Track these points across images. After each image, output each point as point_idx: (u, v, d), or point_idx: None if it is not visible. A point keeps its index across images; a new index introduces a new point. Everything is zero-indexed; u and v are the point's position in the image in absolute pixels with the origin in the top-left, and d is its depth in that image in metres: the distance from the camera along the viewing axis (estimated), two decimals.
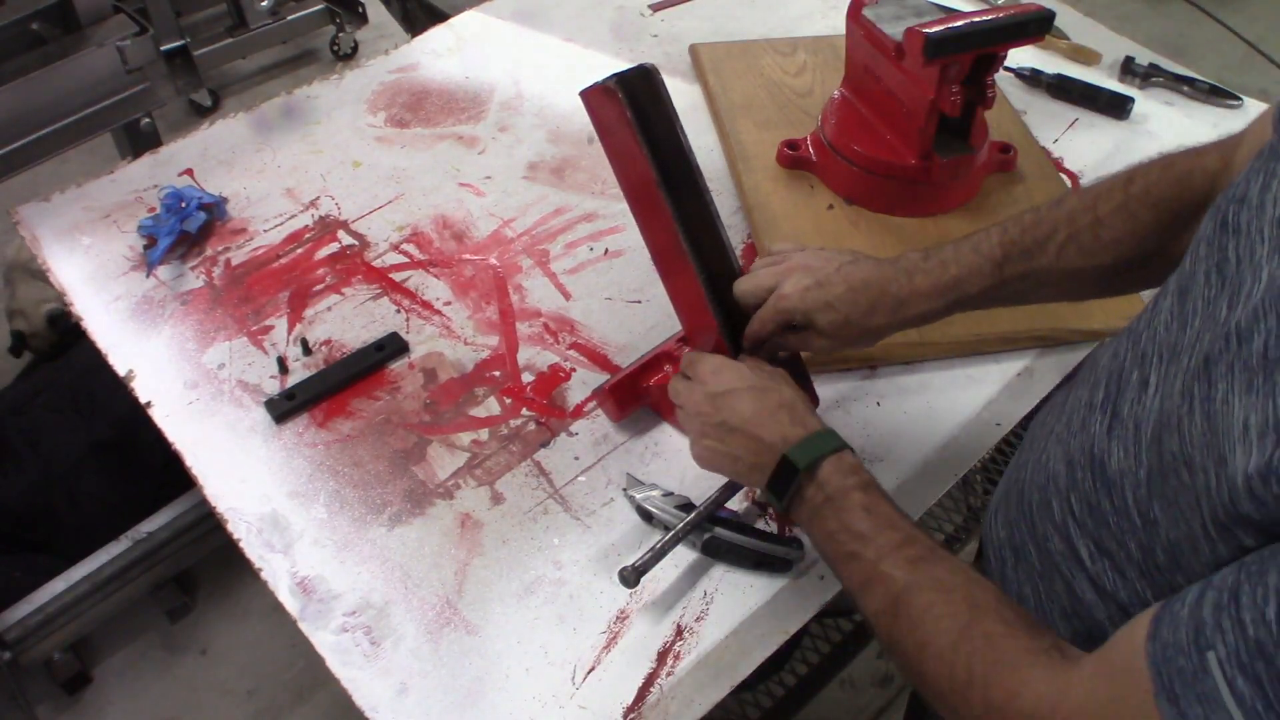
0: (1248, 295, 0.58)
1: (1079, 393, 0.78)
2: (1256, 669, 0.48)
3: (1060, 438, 0.77)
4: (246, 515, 0.98)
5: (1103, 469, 0.69)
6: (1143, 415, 0.66)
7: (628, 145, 0.88)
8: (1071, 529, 0.72)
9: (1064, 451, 0.75)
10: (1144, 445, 0.65)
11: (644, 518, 0.97)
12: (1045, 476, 0.77)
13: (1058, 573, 0.74)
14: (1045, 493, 0.76)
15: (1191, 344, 0.62)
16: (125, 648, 1.92)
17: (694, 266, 0.89)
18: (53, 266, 1.22)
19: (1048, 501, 0.76)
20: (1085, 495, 0.71)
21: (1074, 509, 0.72)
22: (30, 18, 1.53)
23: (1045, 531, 0.76)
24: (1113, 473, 0.68)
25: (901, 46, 1.14)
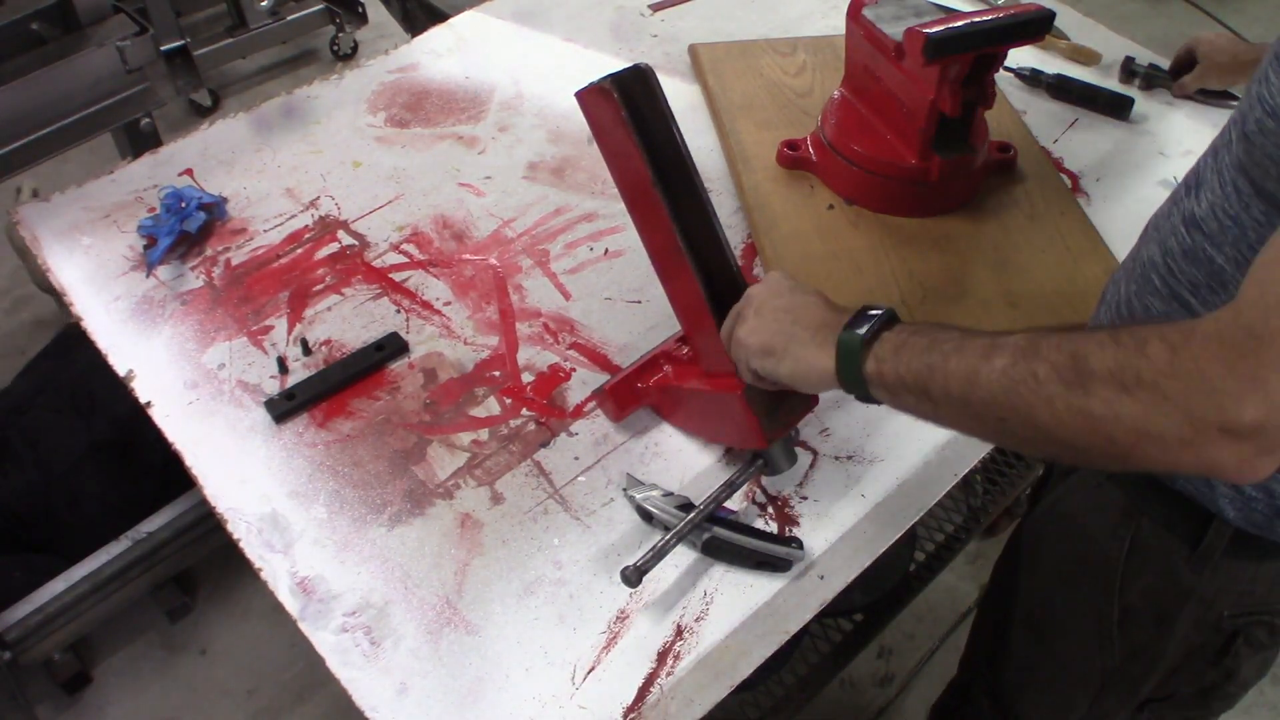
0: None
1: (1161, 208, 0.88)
2: None
3: (1150, 239, 0.86)
4: (246, 515, 0.98)
5: (1193, 219, 0.79)
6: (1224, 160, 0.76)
7: (623, 145, 0.88)
8: (1172, 284, 0.81)
9: (1157, 242, 0.84)
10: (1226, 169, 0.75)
11: (644, 518, 0.97)
12: (1141, 267, 0.86)
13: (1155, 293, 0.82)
14: (1143, 278, 0.85)
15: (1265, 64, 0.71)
16: (125, 648, 1.92)
17: (691, 267, 0.89)
18: (53, 266, 1.22)
19: (1147, 280, 0.84)
20: (1181, 248, 0.80)
21: (1172, 267, 0.81)
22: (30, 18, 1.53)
23: (1145, 305, 0.84)
24: (1203, 214, 0.78)
25: (901, 46, 1.14)
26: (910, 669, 1.95)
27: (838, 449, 1.03)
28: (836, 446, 1.04)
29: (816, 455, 1.03)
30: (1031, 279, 1.17)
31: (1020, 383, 0.67)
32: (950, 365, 0.71)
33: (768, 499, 1.00)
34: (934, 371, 0.72)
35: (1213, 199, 0.77)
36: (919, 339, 0.75)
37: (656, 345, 1.06)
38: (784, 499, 1.00)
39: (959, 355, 0.71)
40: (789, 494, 1.00)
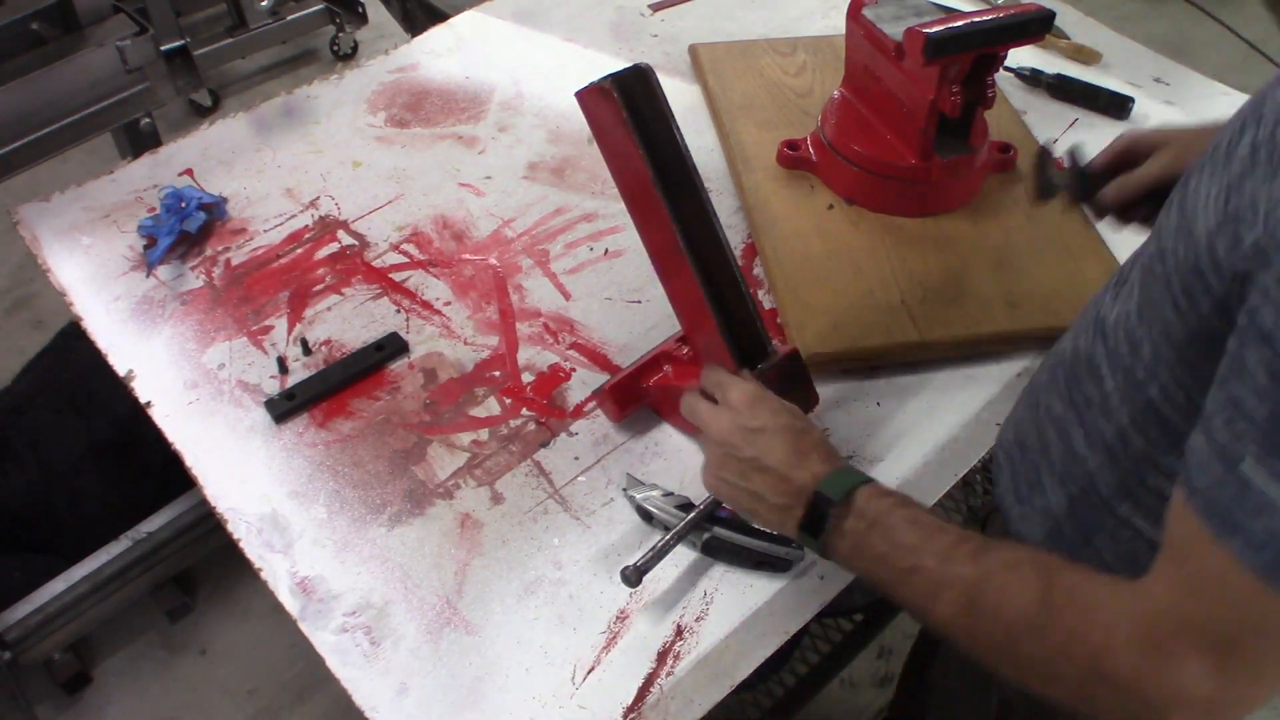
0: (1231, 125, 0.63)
1: (1096, 294, 0.85)
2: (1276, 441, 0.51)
3: (1073, 327, 0.85)
4: (246, 515, 0.98)
5: (1102, 324, 0.77)
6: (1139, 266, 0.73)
7: (624, 145, 0.88)
8: (1071, 388, 0.80)
9: (1073, 334, 0.83)
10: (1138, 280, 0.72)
11: (644, 518, 0.97)
12: (1055, 359, 0.84)
13: (1057, 438, 0.80)
14: (1054, 370, 0.84)
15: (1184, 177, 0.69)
16: (125, 648, 1.92)
17: (691, 267, 0.89)
18: (53, 266, 1.22)
19: (1054, 375, 0.84)
20: (1086, 353, 0.78)
21: (1076, 370, 0.79)
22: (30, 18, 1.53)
23: (1048, 402, 0.82)
24: (1110, 324, 0.75)
25: (901, 46, 1.14)
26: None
27: (838, 449, 1.03)
28: (836, 446, 1.03)
29: None
30: (1031, 279, 1.17)
31: (962, 640, 0.70)
32: (901, 591, 0.74)
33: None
34: (889, 587, 0.75)
35: (1120, 310, 0.74)
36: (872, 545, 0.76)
37: (656, 345, 1.06)
38: None
39: (908, 584, 0.73)
40: None
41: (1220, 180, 0.59)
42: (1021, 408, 0.91)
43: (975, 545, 0.71)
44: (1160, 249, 0.66)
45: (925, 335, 1.09)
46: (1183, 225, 0.63)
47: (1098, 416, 0.76)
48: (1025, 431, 0.88)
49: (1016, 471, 0.89)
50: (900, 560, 0.73)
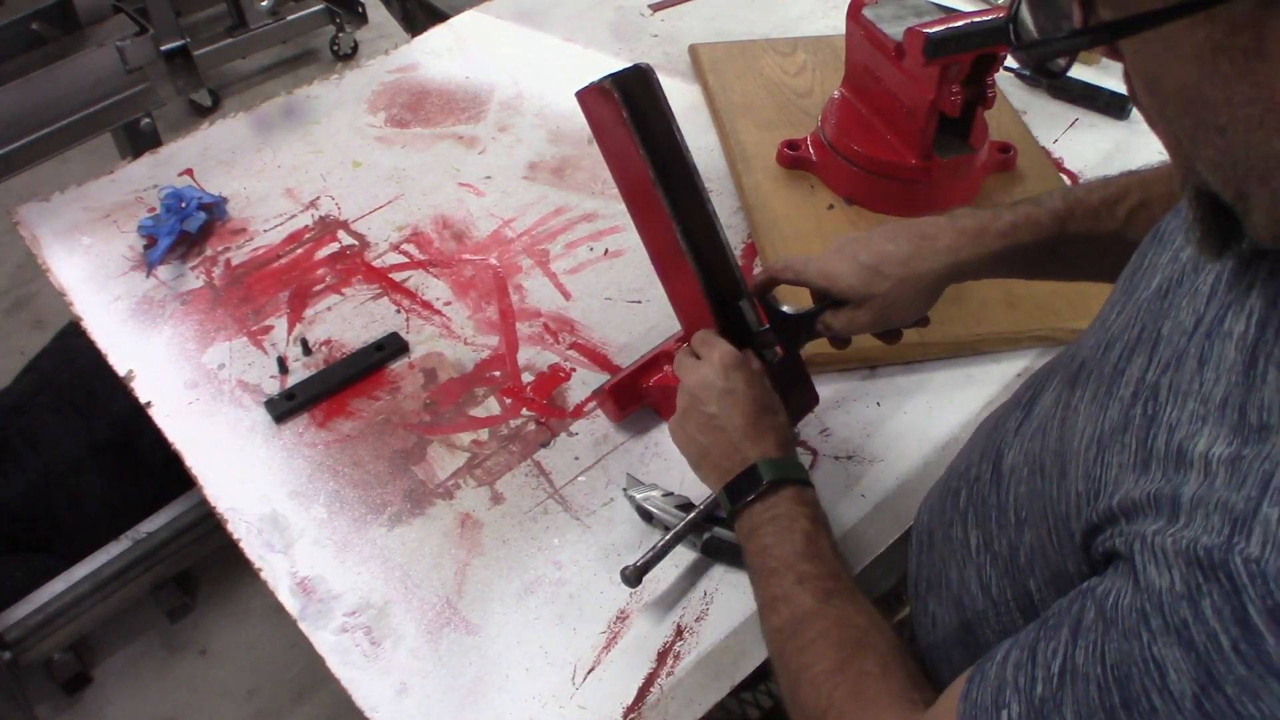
0: (1134, 303, 0.59)
1: (1019, 391, 0.79)
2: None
3: (987, 433, 0.78)
4: (246, 515, 0.98)
5: (999, 464, 0.71)
6: (1041, 417, 0.67)
7: (624, 145, 0.88)
8: (969, 518, 0.74)
9: (983, 445, 0.77)
10: (1032, 443, 0.66)
11: (644, 518, 0.97)
12: (965, 465, 0.79)
13: (954, 560, 0.76)
14: (959, 481, 0.78)
15: (1080, 349, 0.64)
16: (125, 648, 1.92)
17: (692, 266, 0.89)
18: (53, 266, 1.22)
19: (958, 490, 0.77)
20: (982, 488, 0.73)
21: (974, 499, 0.74)
22: (30, 18, 1.53)
23: (950, 518, 0.78)
24: (1005, 468, 0.69)
25: (901, 46, 1.14)
26: None
27: (838, 449, 1.03)
28: (836, 446, 1.04)
29: (816, 455, 1.03)
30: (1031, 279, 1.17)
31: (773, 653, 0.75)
32: (758, 587, 0.78)
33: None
34: (754, 577, 0.79)
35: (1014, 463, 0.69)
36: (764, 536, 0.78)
37: (656, 345, 1.06)
38: None
39: (766, 583, 0.77)
40: None
41: (1097, 420, 0.55)
42: (935, 497, 0.85)
43: (836, 587, 0.73)
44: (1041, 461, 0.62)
45: (925, 335, 1.09)
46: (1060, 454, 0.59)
47: (986, 565, 0.71)
48: (934, 528, 0.82)
49: (922, 563, 0.84)
50: (772, 559, 0.77)
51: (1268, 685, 0.41)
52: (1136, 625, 0.46)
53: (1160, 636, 0.44)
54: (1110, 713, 0.46)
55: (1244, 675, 0.41)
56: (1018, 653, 0.53)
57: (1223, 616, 0.42)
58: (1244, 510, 0.43)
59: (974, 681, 0.55)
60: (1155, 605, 0.45)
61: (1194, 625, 0.43)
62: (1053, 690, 0.49)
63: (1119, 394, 0.54)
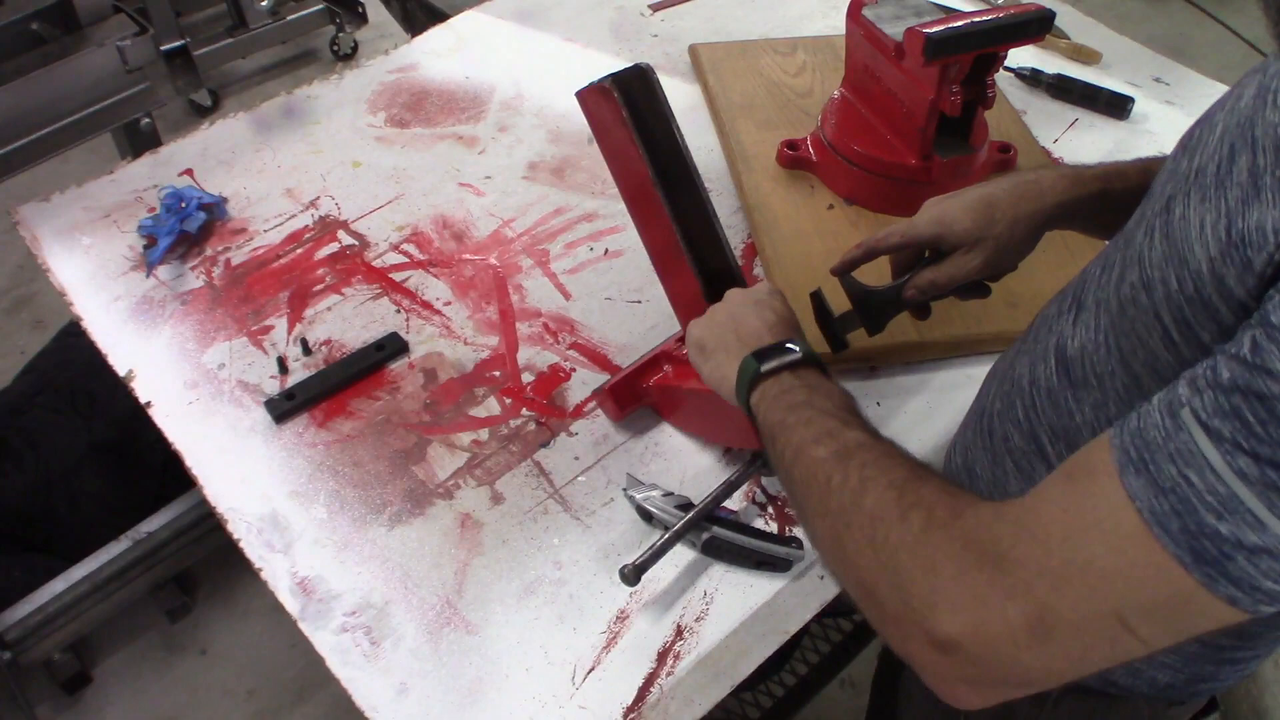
0: (1204, 147, 0.60)
1: (1045, 312, 0.79)
2: (1233, 403, 0.48)
3: (1026, 350, 0.78)
4: (246, 515, 0.98)
5: (1063, 354, 0.71)
6: (1104, 290, 0.68)
7: (624, 145, 0.88)
8: (1033, 420, 0.74)
9: (1028, 360, 0.76)
10: (1105, 306, 0.67)
11: (644, 518, 0.97)
12: (1009, 384, 0.78)
13: (1016, 470, 0.75)
14: (1008, 398, 0.78)
15: (1155, 198, 0.65)
16: (125, 648, 1.92)
17: (691, 266, 0.89)
18: (53, 266, 1.22)
19: (1011, 404, 0.77)
20: (1048, 384, 0.72)
21: (1036, 401, 0.73)
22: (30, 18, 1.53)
23: (1005, 432, 0.77)
24: (1073, 353, 0.70)
25: (901, 46, 1.14)
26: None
27: None
28: None
29: None
30: (1031, 279, 1.16)
31: (818, 480, 0.67)
32: (792, 433, 0.72)
33: (768, 499, 1.00)
34: (782, 429, 0.73)
35: (1084, 339, 0.70)
36: (796, 394, 0.75)
37: (656, 345, 1.06)
38: (784, 499, 1.00)
39: (804, 427, 0.71)
40: None
41: (1216, 208, 0.56)
42: (970, 432, 0.86)
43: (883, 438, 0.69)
44: (1145, 279, 0.62)
45: (924, 335, 1.09)
46: (1172, 254, 0.59)
47: (1065, 450, 0.71)
48: (976, 458, 0.83)
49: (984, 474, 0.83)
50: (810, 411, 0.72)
51: None
52: None
53: None
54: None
55: None
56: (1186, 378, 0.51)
57: None
58: None
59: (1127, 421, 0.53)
60: None
61: None
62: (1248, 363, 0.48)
63: (1235, 183, 0.55)
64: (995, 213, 0.88)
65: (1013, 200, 0.88)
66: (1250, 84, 0.60)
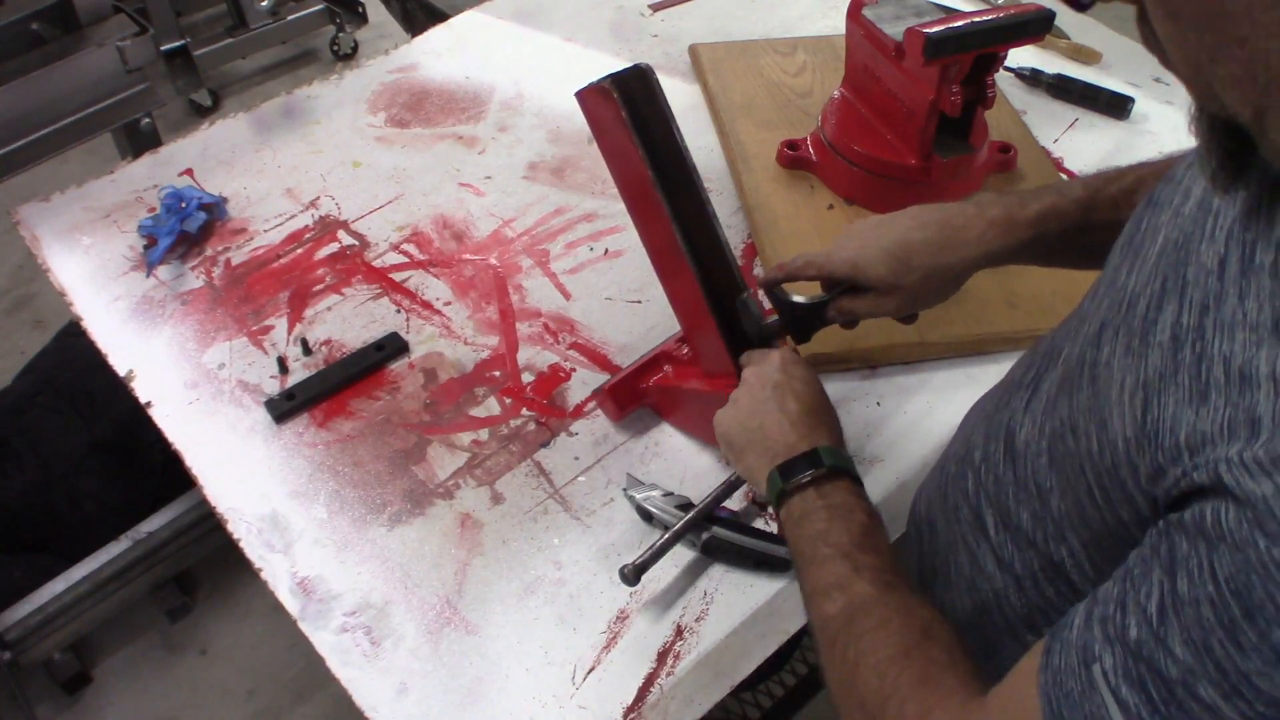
0: (1144, 260, 0.60)
1: (1013, 373, 0.79)
2: (1139, 672, 0.49)
3: (987, 414, 0.78)
4: (246, 515, 0.98)
5: (1011, 441, 0.70)
6: (1059, 386, 0.67)
7: (623, 146, 0.88)
8: (981, 499, 0.73)
9: (986, 426, 0.76)
10: (1050, 411, 0.66)
11: (644, 518, 0.97)
12: (966, 449, 0.78)
13: (964, 543, 0.75)
14: (963, 464, 0.77)
15: (1094, 312, 0.64)
16: (125, 648, 1.92)
17: (691, 267, 0.89)
18: (53, 266, 1.22)
19: (964, 473, 0.77)
20: (994, 466, 0.72)
21: (984, 480, 0.73)
22: (30, 18, 1.53)
23: (956, 502, 0.77)
24: (1019, 444, 0.69)
25: (901, 46, 1.14)
26: None
27: None
28: None
29: None
30: (1031, 279, 1.17)
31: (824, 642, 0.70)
32: (808, 573, 0.74)
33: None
34: (803, 563, 0.75)
35: (1028, 437, 0.69)
36: (816, 521, 0.76)
37: (656, 345, 1.06)
38: None
39: (819, 569, 0.73)
40: None
41: (1136, 369, 0.55)
42: (933, 486, 0.85)
43: (895, 579, 0.71)
44: (1071, 422, 0.61)
45: (925, 335, 1.09)
46: (1095, 407, 0.58)
47: (1008, 543, 0.71)
48: (935, 515, 0.82)
49: (925, 552, 0.84)
50: (825, 547, 0.74)
51: None
52: (1249, 535, 0.46)
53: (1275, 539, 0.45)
54: (1230, 626, 0.46)
55: None
56: (1101, 608, 0.52)
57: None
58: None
59: (1052, 651, 0.54)
60: (1265, 511, 0.46)
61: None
62: (1153, 628, 0.49)
63: (1156, 340, 0.55)
64: (912, 262, 0.86)
65: (932, 251, 0.86)
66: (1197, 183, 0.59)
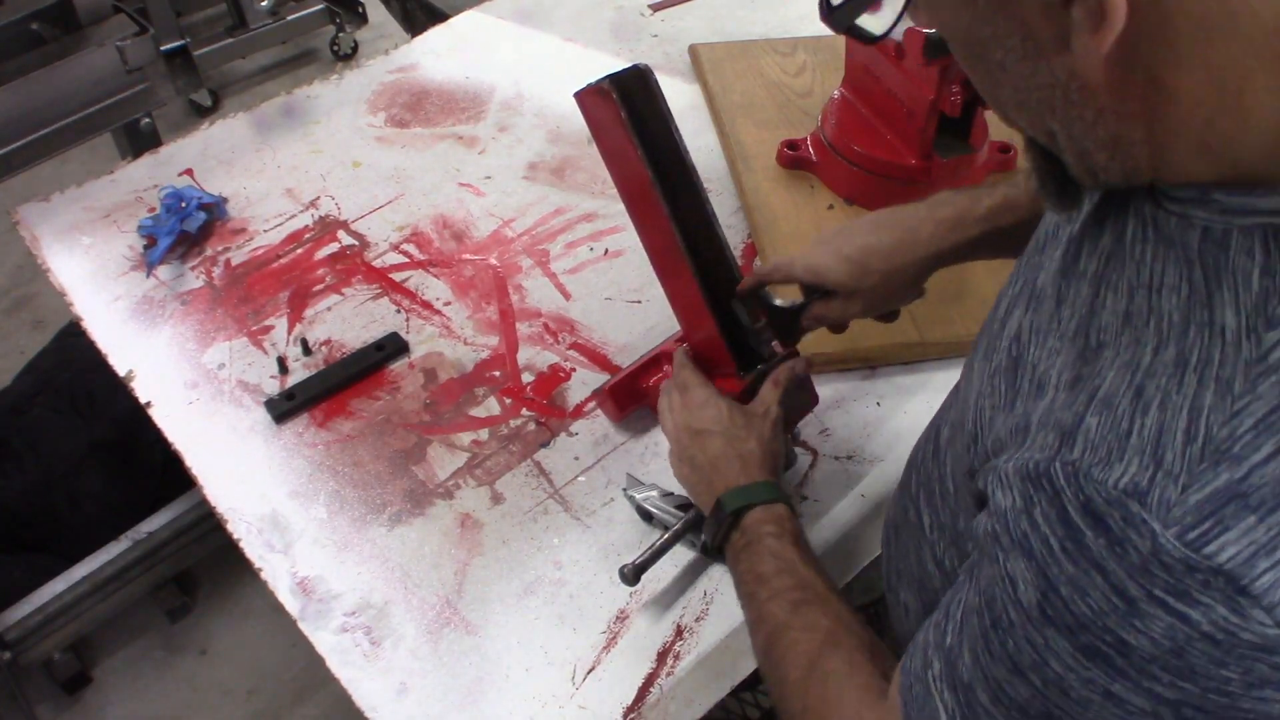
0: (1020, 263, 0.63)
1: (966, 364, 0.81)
2: (952, 677, 0.52)
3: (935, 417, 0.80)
4: (246, 515, 0.98)
5: (938, 440, 0.73)
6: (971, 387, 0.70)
7: (622, 146, 0.88)
8: (920, 499, 0.76)
9: (931, 428, 0.79)
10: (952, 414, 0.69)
11: (644, 518, 0.97)
12: (916, 452, 0.80)
13: (913, 545, 0.77)
14: (912, 467, 0.80)
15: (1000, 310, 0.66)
16: (125, 648, 1.92)
17: (690, 267, 0.89)
18: (53, 266, 1.22)
19: (909, 476, 0.79)
20: (927, 466, 0.75)
21: (922, 479, 0.76)
22: (30, 18, 1.53)
23: (905, 504, 0.79)
24: (943, 443, 0.72)
25: (901, 46, 1.14)
26: None
27: (837, 449, 1.03)
28: (836, 446, 1.04)
29: (816, 455, 1.03)
30: None
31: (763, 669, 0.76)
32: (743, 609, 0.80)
33: None
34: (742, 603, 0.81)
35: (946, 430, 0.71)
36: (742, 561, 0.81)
37: (656, 345, 1.06)
38: None
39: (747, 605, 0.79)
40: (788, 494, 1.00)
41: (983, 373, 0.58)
42: (897, 489, 0.86)
43: (804, 596, 0.75)
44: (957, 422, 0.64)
45: (925, 335, 1.09)
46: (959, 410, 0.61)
47: (939, 541, 0.72)
48: (897, 520, 0.83)
49: (890, 556, 0.85)
50: (748, 584, 0.79)
51: (1093, 580, 0.43)
52: (993, 548, 0.48)
53: (1009, 552, 0.47)
54: (985, 636, 0.48)
55: (1073, 573, 0.44)
56: (938, 614, 0.56)
57: (1050, 520, 0.45)
58: (1070, 423, 0.46)
59: (909, 653, 0.58)
60: (1003, 525, 0.47)
61: (1031, 535, 0.46)
62: (956, 636, 0.51)
63: (1001, 346, 0.57)
64: (870, 265, 0.88)
65: (886, 254, 0.87)
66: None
